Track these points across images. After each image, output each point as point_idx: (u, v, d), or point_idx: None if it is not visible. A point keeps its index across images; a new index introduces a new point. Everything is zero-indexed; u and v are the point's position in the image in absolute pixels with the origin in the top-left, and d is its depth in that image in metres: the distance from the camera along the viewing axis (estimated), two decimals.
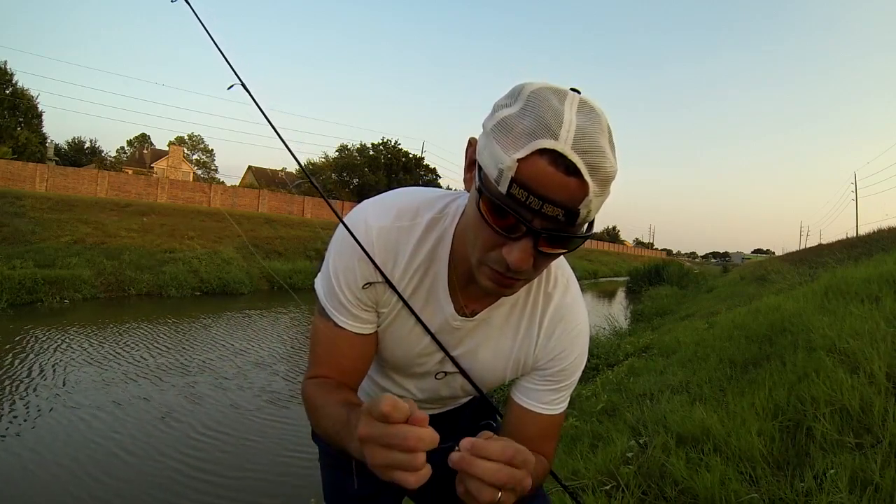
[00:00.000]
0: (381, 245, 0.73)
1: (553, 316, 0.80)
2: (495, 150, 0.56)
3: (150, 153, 42.19)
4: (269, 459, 4.05)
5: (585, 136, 0.54)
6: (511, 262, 0.59)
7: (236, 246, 15.95)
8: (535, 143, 0.53)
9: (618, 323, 9.58)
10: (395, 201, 0.76)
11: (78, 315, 9.11)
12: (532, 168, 0.54)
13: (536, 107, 0.55)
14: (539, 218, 0.56)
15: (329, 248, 0.77)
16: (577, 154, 0.53)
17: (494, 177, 0.56)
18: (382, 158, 34.18)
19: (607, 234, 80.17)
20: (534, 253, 0.59)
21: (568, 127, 0.54)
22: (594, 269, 36.33)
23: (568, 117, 0.54)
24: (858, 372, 2.45)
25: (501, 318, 0.80)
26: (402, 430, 0.47)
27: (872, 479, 1.65)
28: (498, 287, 0.65)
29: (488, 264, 0.63)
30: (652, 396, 3.36)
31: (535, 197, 0.54)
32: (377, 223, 0.73)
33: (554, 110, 0.54)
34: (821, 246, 16.11)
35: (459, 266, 0.75)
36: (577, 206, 0.55)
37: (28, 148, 25.50)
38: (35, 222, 13.02)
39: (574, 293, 0.82)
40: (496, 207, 0.57)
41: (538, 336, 0.80)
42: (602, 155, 0.55)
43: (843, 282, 4.89)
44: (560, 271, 0.81)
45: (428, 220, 0.75)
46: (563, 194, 0.54)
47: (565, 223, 0.56)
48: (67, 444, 4.03)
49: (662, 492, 1.97)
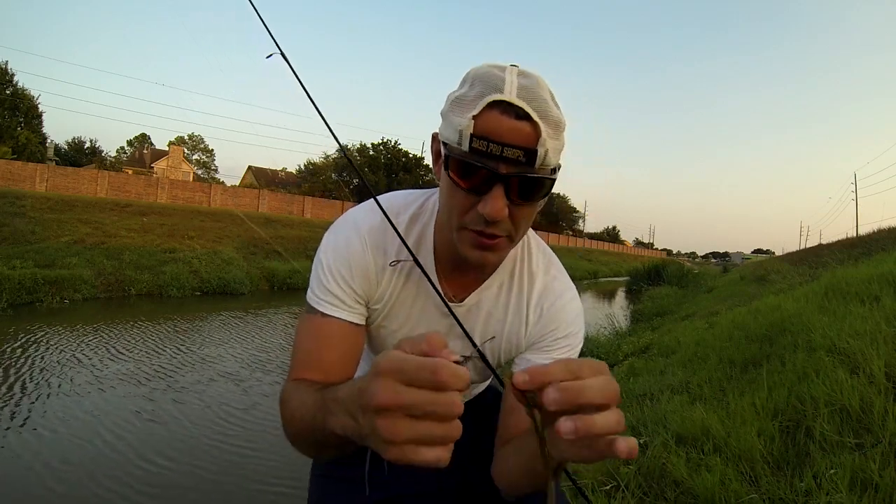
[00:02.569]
0: (372, 242, 0.77)
1: (541, 293, 0.82)
2: (453, 120, 0.63)
3: (150, 153, 42.19)
4: (269, 460, 4.04)
5: (527, 89, 0.61)
6: (487, 213, 0.62)
7: (236, 246, 15.96)
8: (485, 99, 0.60)
9: (618, 323, 9.57)
10: (378, 205, 0.80)
11: (78, 315, 9.10)
12: (486, 120, 0.60)
13: (481, 77, 0.62)
14: (503, 163, 0.60)
15: (320, 248, 0.79)
16: (523, 101, 0.60)
17: (456, 140, 0.62)
18: (382, 158, 34.20)
19: (607, 234, 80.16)
20: (507, 203, 0.62)
21: (511, 84, 0.61)
22: (594, 269, 36.31)
23: (510, 79, 0.62)
24: (858, 372, 2.45)
25: (490, 302, 0.81)
26: (434, 364, 0.38)
27: (872, 479, 1.65)
28: (481, 252, 0.67)
29: (467, 227, 0.66)
30: (652, 396, 3.35)
31: (494, 144, 0.59)
32: (367, 223, 0.78)
33: (496, 76, 0.62)
34: (821, 246, 16.09)
35: (443, 255, 0.78)
36: (533, 145, 0.60)
37: (28, 148, 25.52)
38: (35, 222, 13.02)
39: (557, 269, 0.85)
40: (463, 165, 0.62)
41: (527, 315, 0.81)
42: (545, 103, 0.61)
43: (843, 282, 4.89)
44: (540, 252, 0.84)
45: (409, 217, 0.79)
46: (519, 137, 0.60)
47: (526, 163, 0.60)
48: (67, 444, 4.03)
49: (662, 492, 1.97)
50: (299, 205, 25.94)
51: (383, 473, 0.91)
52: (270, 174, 46.08)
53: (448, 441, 0.38)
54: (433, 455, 0.38)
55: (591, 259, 40.60)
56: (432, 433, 0.38)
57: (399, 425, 0.38)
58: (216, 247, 15.30)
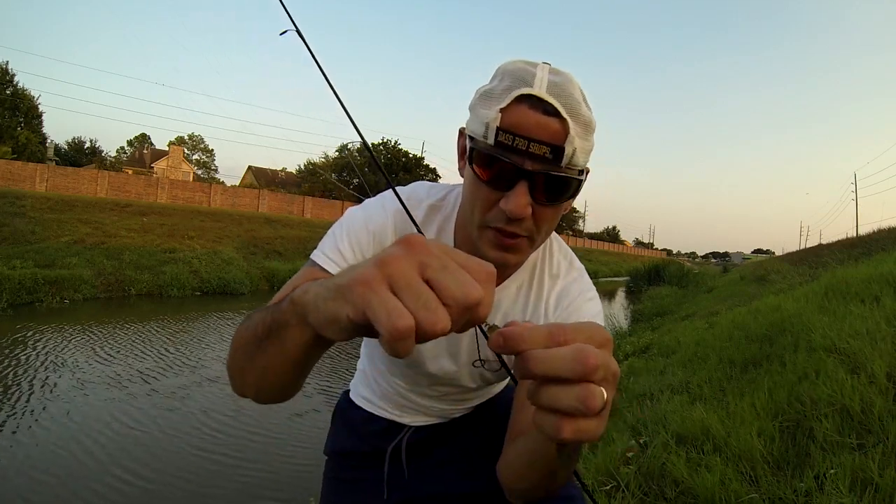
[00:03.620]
0: (396, 223, 0.75)
1: (559, 294, 0.79)
2: (480, 113, 0.61)
3: (150, 153, 42.18)
4: (269, 458, 4.04)
5: (558, 86, 0.60)
6: (510, 210, 0.60)
7: (236, 246, 15.95)
8: (514, 92, 0.59)
9: (618, 323, 9.57)
10: (400, 192, 0.78)
11: (78, 315, 9.10)
12: (514, 114, 0.58)
13: (512, 72, 0.61)
14: (528, 159, 0.59)
15: (343, 216, 0.77)
16: (553, 97, 0.58)
17: (482, 133, 0.60)
18: (382, 158, 34.21)
19: (607, 234, 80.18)
20: (531, 201, 0.61)
21: (541, 80, 0.60)
22: (594, 269, 36.26)
23: (540, 75, 0.60)
24: (859, 372, 2.45)
25: (508, 302, 0.79)
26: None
27: (872, 479, 1.65)
28: (502, 251, 0.65)
29: (489, 224, 0.64)
30: (652, 396, 3.35)
31: (520, 138, 0.58)
32: (394, 205, 0.76)
33: (527, 71, 0.61)
34: (821, 246, 16.09)
35: (463, 251, 0.75)
36: (561, 142, 0.58)
37: (28, 148, 25.52)
38: (35, 222, 13.02)
39: (578, 271, 0.82)
40: (487, 159, 0.61)
41: (545, 315, 0.79)
42: (575, 101, 0.60)
43: (843, 282, 4.89)
44: (562, 255, 0.82)
45: (427, 207, 0.78)
46: (546, 133, 0.58)
47: (553, 161, 0.58)
48: (67, 444, 4.03)
49: (662, 492, 1.97)
50: (299, 205, 25.95)
51: (402, 475, 0.90)
52: (270, 174, 46.10)
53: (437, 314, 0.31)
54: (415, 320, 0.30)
55: (591, 259, 40.57)
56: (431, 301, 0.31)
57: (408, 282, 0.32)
58: (216, 247, 15.30)
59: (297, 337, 0.44)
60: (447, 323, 0.31)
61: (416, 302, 0.30)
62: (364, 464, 0.94)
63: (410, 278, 0.31)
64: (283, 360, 0.48)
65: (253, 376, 0.54)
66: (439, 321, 0.30)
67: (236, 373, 0.58)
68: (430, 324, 0.30)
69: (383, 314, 0.30)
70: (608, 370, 0.33)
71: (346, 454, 0.97)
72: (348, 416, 0.99)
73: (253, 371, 0.54)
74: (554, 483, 0.59)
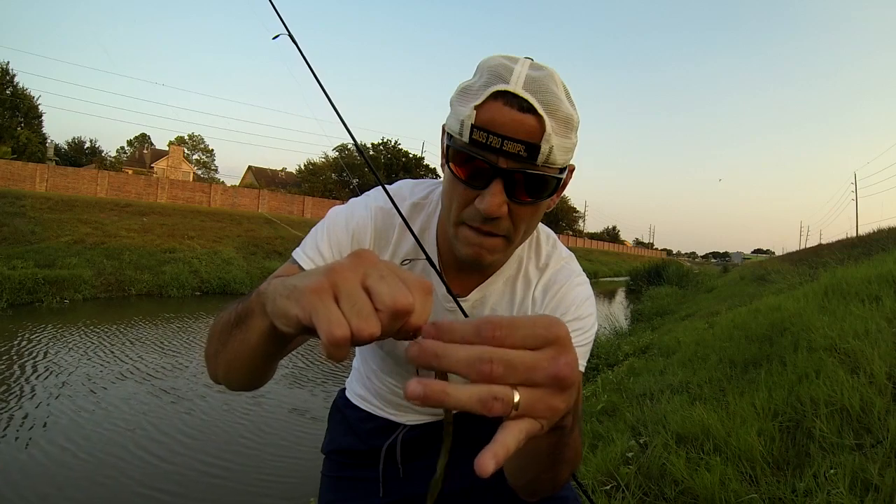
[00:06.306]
0: (379, 225, 0.76)
1: (547, 282, 0.78)
2: (457, 110, 0.61)
3: (150, 153, 42.19)
4: (270, 458, 4.04)
5: (536, 81, 0.58)
6: (484, 209, 0.60)
7: (236, 246, 15.95)
8: (490, 89, 0.58)
9: (618, 323, 9.57)
10: (385, 192, 0.78)
11: (78, 315, 9.10)
12: (489, 111, 0.57)
13: (490, 68, 0.60)
14: (503, 157, 0.58)
15: (326, 215, 0.76)
16: (529, 93, 0.57)
17: (458, 131, 0.60)
18: (382, 158, 34.22)
19: (607, 234, 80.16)
20: (506, 199, 0.60)
21: (518, 76, 0.58)
22: (594, 269, 36.28)
23: (518, 69, 0.59)
24: (859, 372, 2.45)
25: (495, 297, 0.79)
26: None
27: (872, 479, 1.65)
28: (477, 249, 0.65)
29: (465, 222, 0.64)
30: (652, 396, 3.35)
31: (495, 136, 0.57)
32: (377, 203, 0.77)
33: (505, 66, 0.59)
34: (821, 246, 16.11)
35: (446, 249, 0.76)
36: (537, 140, 0.57)
37: (28, 148, 25.52)
38: (35, 222, 13.02)
39: (567, 259, 0.80)
40: (463, 157, 0.60)
41: (531, 307, 0.78)
42: (554, 96, 0.58)
43: (843, 282, 4.89)
44: (550, 245, 0.81)
45: (410, 205, 0.77)
46: (522, 131, 0.57)
47: (528, 159, 0.57)
48: (67, 444, 4.03)
49: (662, 492, 1.97)
50: (299, 205, 25.93)
51: (398, 474, 0.90)
52: (270, 174, 46.09)
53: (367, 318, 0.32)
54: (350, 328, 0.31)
55: (591, 259, 40.57)
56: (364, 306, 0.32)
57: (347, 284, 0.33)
58: (216, 247, 15.30)
59: (259, 326, 0.46)
60: (376, 329, 0.32)
61: (351, 309, 0.32)
62: (361, 462, 0.94)
63: (352, 287, 0.33)
64: (247, 347, 0.50)
65: (224, 362, 0.56)
66: (368, 327, 0.32)
67: (210, 358, 0.60)
68: (359, 329, 0.32)
69: (325, 323, 0.32)
70: (533, 370, 0.31)
71: (343, 453, 0.97)
72: (345, 414, 0.99)
73: (224, 357, 0.55)
74: (554, 473, 0.57)
